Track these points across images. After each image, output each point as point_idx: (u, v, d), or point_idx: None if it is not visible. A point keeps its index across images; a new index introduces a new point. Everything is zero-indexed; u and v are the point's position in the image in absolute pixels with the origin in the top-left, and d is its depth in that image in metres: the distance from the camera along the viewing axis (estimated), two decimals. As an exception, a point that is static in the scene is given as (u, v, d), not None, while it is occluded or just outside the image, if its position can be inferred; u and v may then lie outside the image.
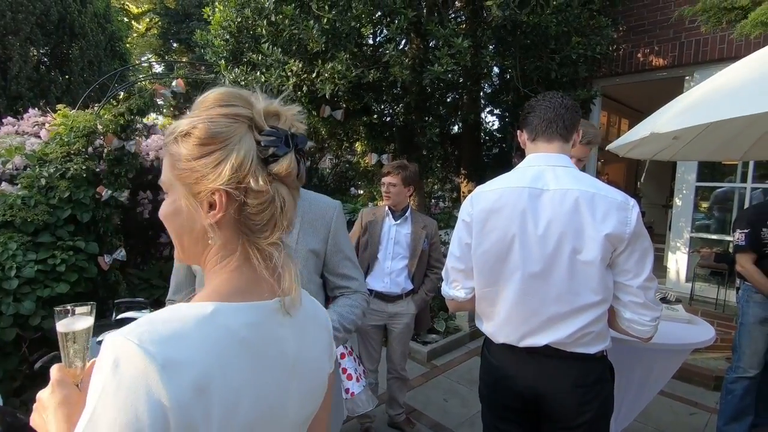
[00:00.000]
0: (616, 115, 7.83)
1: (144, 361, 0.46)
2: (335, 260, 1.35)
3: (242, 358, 0.55)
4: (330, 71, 3.34)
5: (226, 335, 0.54)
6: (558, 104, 1.33)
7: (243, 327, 0.56)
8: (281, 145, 0.58)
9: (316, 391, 0.70)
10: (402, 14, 3.29)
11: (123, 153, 3.51)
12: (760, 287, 2.44)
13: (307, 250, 1.28)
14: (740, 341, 2.57)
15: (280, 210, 0.59)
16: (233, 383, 0.53)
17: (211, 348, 0.52)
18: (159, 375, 0.46)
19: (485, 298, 1.37)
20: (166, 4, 12.37)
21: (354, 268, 1.40)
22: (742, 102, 1.33)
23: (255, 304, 0.59)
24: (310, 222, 1.30)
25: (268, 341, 0.59)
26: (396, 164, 2.60)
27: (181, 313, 0.53)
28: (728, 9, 3.09)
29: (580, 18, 3.69)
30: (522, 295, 1.28)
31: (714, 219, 4.67)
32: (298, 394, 0.64)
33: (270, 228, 0.60)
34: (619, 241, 1.19)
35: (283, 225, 0.60)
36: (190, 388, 0.48)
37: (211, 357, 0.51)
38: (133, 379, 0.46)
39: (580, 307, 1.23)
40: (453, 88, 4.66)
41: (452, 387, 3.47)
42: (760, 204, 2.61)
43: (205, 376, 0.50)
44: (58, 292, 2.90)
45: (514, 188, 1.28)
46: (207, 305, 0.55)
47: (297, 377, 0.63)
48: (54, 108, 4.20)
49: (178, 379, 0.47)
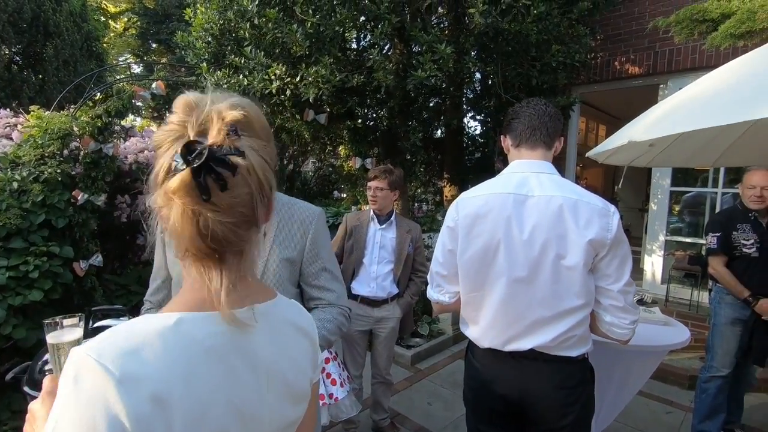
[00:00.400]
0: (594, 121, 8.03)
1: (101, 376, 0.47)
2: (311, 270, 1.27)
3: (209, 367, 0.55)
4: (314, 75, 3.33)
5: (190, 345, 0.54)
6: (542, 112, 1.35)
7: (209, 336, 0.56)
8: (180, 161, 0.53)
9: (297, 398, 0.69)
10: (386, 20, 3.31)
11: (100, 156, 3.42)
12: (731, 289, 2.53)
13: (281, 259, 1.20)
14: (713, 341, 2.66)
15: (176, 225, 0.55)
16: (198, 394, 0.53)
17: (174, 359, 0.52)
18: (116, 389, 0.47)
19: (470, 302, 1.39)
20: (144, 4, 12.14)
21: (332, 280, 1.30)
22: (713, 113, 1.38)
23: (217, 313, 0.58)
24: (286, 229, 1.24)
25: (238, 349, 0.59)
26: (383, 169, 2.61)
27: (144, 324, 0.54)
28: (700, 21, 3.21)
29: (559, 27, 3.77)
30: (507, 299, 1.30)
31: (687, 223, 4.83)
32: (276, 402, 0.64)
33: (182, 242, 0.56)
34: (601, 247, 1.22)
35: (182, 245, 0.56)
36: (149, 401, 0.49)
37: (172, 368, 0.52)
38: (92, 394, 0.47)
39: (563, 311, 1.26)
40: (436, 93, 4.70)
41: (436, 390, 3.49)
42: (730, 209, 2.72)
43: (166, 388, 0.50)
44: (30, 299, 2.80)
45: (499, 194, 1.30)
46: (171, 316, 0.55)
47: (273, 385, 0.63)
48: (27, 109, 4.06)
49: (136, 393, 0.48)
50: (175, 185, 0.53)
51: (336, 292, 1.30)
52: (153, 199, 0.57)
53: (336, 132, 4.98)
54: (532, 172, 1.32)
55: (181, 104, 0.57)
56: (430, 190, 6.86)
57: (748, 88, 1.38)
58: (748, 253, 2.50)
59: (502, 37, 3.70)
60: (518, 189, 1.29)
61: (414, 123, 4.27)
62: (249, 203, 0.57)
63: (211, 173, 0.53)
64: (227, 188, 0.54)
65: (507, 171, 1.38)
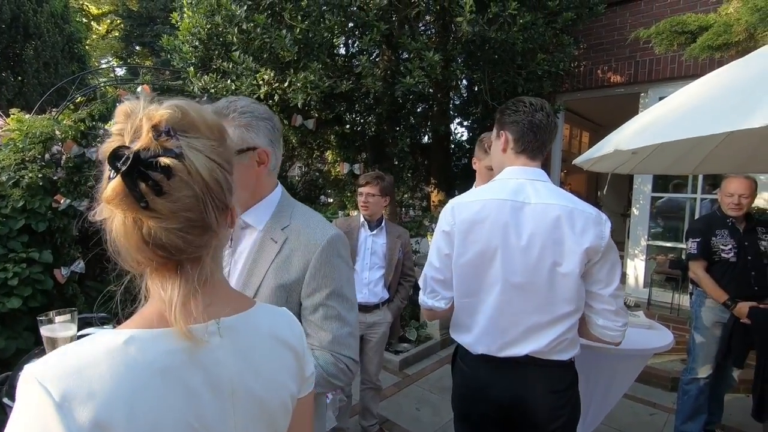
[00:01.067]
0: (577, 128, 8.19)
1: (42, 397, 0.47)
2: (306, 304, 1.06)
3: (159, 387, 0.53)
4: (302, 81, 3.33)
5: (138, 365, 0.52)
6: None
7: (162, 355, 0.54)
8: (113, 165, 0.51)
9: (273, 415, 0.65)
10: (374, 27, 3.33)
11: (83, 160, 3.36)
12: (711, 293, 2.61)
13: (276, 285, 1.03)
14: (694, 344, 2.72)
15: (120, 236, 0.54)
16: (145, 415, 0.51)
17: (119, 381, 0.50)
18: (56, 412, 0.46)
19: (464, 308, 1.40)
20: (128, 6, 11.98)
21: (330, 319, 1.05)
22: (694, 123, 1.44)
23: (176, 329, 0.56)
24: (287, 251, 1.05)
25: (196, 367, 0.56)
26: (374, 175, 2.63)
27: (92, 344, 0.52)
28: (679, 33, 3.32)
29: (544, 36, 3.86)
30: (502, 305, 1.31)
31: (666, 227, 4.95)
32: (244, 420, 0.61)
33: (123, 257, 0.55)
34: (595, 253, 1.26)
35: (127, 256, 0.55)
36: (89, 424, 0.47)
37: (117, 391, 0.50)
38: (32, 415, 0.47)
39: (557, 317, 1.29)
40: (423, 100, 4.75)
41: (424, 396, 3.49)
42: (709, 215, 2.80)
43: (108, 410, 0.48)
44: (9, 307, 2.73)
45: (495, 200, 1.32)
46: (121, 334, 0.53)
47: (240, 403, 0.60)
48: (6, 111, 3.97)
49: (76, 415, 0.47)
50: (108, 194, 0.51)
51: (332, 334, 1.04)
52: (98, 211, 0.55)
53: (323, 137, 4.99)
54: (528, 179, 1.34)
55: (119, 113, 0.56)
56: (417, 195, 6.90)
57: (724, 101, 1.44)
58: (726, 258, 2.58)
59: (489, 45, 3.77)
60: (515, 196, 1.31)
61: (401, 129, 4.31)
62: (195, 207, 0.54)
63: (144, 178, 0.51)
64: (164, 192, 0.51)
65: (502, 177, 1.40)
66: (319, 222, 1.11)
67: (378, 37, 3.42)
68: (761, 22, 2.76)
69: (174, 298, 0.55)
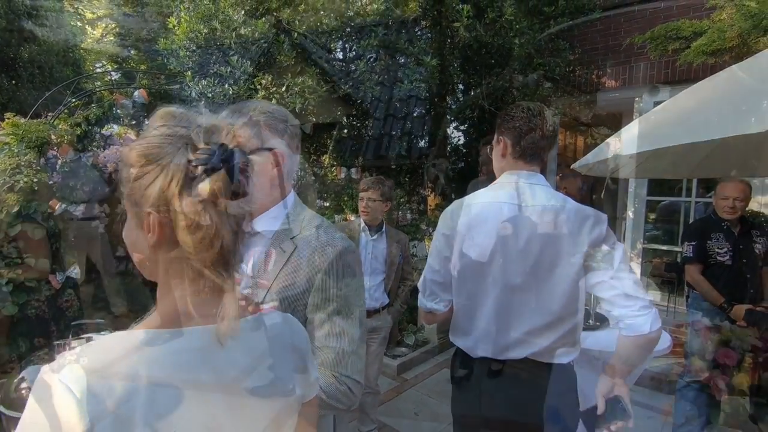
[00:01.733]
0: (572, 133, 8.24)
1: (64, 395, 0.49)
2: (312, 318, 0.99)
3: (176, 386, 0.55)
4: (300, 85, 3.34)
5: (155, 364, 0.55)
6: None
7: (174, 353, 0.56)
8: (210, 164, 0.54)
9: (281, 418, 0.67)
10: (372, 32, 3.35)
11: (79, 165, 3.34)
12: (707, 296, 2.63)
13: (279, 299, 0.98)
14: (691, 347, 2.74)
15: (213, 233, 0.55)
16: (160, 412, 0.53)
17: (137, 378, 0.52)
18: (77, 409, 0.48)
19: (464, 311, 1.40)
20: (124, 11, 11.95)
21: (335, 336, 0.97)
22: (689, 129, 1.46)
23: (193, 329, 0.58)
24: (295, 261, 0.99)
25: (204, 366, 0.58)
26: (375, 180, 2.63)
27: (112, 342, 0.55)
28: (673, 38, 3.36)
29: (540, 41, 3.89)
30: (502, 308, 1.32)
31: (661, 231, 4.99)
32: (252, 421, 0.63)
33: (204, 252, 0.56)
34: (594, 250, 1.26)
35: (216, 248, 0.57)
36: (110, 421, 0.49)
37: (136, 388, 0.52)
38: (51, 414, 0.49)
39: (557, 319, 1.29)
40: (421, 104, 4.76)
41: (422, 400, 3.48)
42: (704, 218, 2.82)
43: (128, 407, 0.51)
44: (5, 314, 2.70)
45: (494, 203, 1.33)
46: (138, 333, 0.56)
47: (248, 403, 0.63)
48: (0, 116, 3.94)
49: (97, 413, 0.49)
50: (207, 190, 0.54)
51: (335, 353, 0.97)
52: (179, 206, 0.54)
53: (320, 141, 4.99)
54: (526, 182, 1.35)
55: (168, 116, 0.59)
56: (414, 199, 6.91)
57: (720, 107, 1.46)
58: (721, 261, 2.60)
59: (486, 50, 3.79)
60: (513, 199, 1.32)
61: (398, 132, 4.31)
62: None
63: (241, 174, 0.56)
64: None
65: (500, 180, 1.41)
66: (331, 233, 1.05)
67: (376, 42, 3.44)
68: (754, 28, 2.80)
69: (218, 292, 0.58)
